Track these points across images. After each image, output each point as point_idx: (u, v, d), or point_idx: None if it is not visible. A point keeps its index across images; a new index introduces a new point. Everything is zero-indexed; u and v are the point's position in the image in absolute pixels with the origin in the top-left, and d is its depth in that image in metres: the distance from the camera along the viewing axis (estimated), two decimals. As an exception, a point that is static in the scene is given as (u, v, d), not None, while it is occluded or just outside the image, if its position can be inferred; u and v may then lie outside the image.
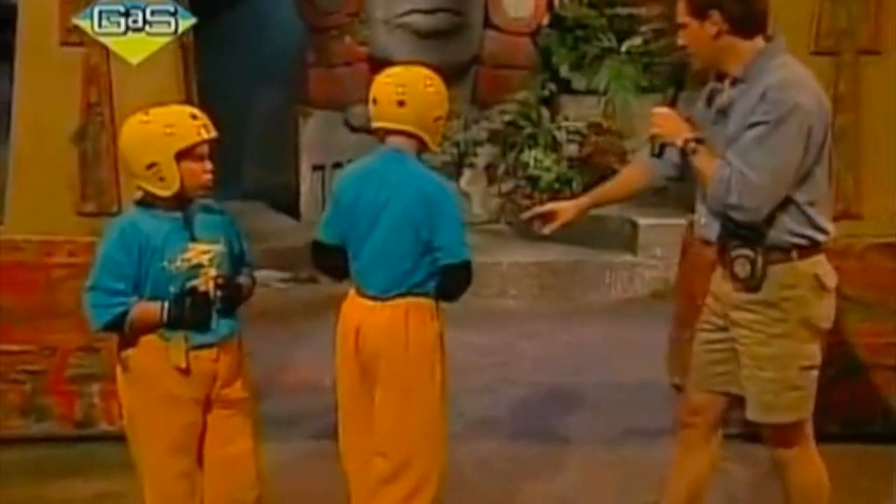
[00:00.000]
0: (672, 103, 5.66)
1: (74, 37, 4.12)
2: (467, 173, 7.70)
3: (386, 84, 3.05)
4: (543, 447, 4.23)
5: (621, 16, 7.85)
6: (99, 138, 4.20)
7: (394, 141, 3.06)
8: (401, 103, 3.00)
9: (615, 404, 4.71)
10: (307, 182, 7.59)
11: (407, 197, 3.00)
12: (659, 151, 3.05)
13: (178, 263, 2.81)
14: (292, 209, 7.62)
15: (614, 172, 3.27)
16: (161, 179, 2.79)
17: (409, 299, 3.02)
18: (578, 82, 7.81)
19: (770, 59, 2.89)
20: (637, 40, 7.78)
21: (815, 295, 2.92)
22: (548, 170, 7.55)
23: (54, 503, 3.75)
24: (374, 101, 3.06)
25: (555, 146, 7.62)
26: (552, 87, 7.82)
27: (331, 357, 3.16)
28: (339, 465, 3.19)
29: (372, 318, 3.04)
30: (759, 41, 2.91)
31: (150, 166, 2.78)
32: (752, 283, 2.90)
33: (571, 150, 7.64)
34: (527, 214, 3.28)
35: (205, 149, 2.83)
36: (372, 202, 3.03)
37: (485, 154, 7.72)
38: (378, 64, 7.51)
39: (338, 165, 7.55)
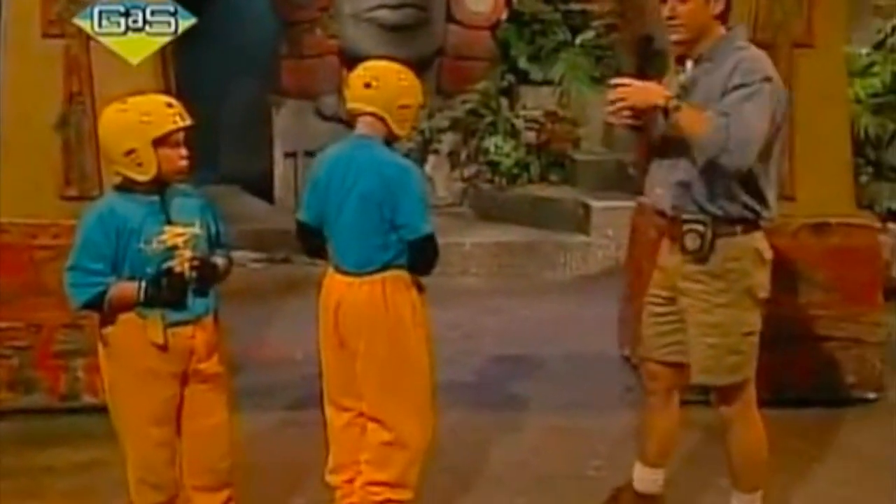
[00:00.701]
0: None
1: (56, 29, 4.08)
2: (431, 159, 7.69)
3: (359, 71, 3.10)
4: (504, 415, 4.27)
5: (575, 11, 7.90)
6: (81, 126, 4.16)
7: (363, 122, 3.08)
8: (367, 85, 3.04)
9: (570, 375, 4.75)
10: (280, 168, 7.56)
11: (370, 179, 3.02)
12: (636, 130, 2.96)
13: (154, 245, 2.79)
14: (266, 193, 7.58)
15: (569, 158, 3.31)
16: (139, 165, 2.77)
17: (385, 273, 3.05)
18: (535, 73, 7.84)
19: (735, 40, 2.97)
20: (590, 34, 7.83)
21: (756, 267, 2.98)
22: (507, 155, 7.56)
23: (42, 471, 3.72)
24: (347, 87, 3.11)
25: (514, 133, 7.64)
26: (511, 77, 7.83)
27: (302, 333, 3.17)
28: (310, 433, 3.20)
29: (350, 294, 3.07)
30: (723, 28, 2.99)
31: (129, 153, 2.76)
32: (700, 256, 2.94)
33: (529, 136, 7.65)
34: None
35: (180, 136, 2.81)
36: (340, 185, 3.06)
37: (448, 141, 7.71)
38: (347, 56, 7.53)
39: (309, 153, 7.52)
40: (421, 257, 3.06)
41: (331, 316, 3.12)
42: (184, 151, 2.82)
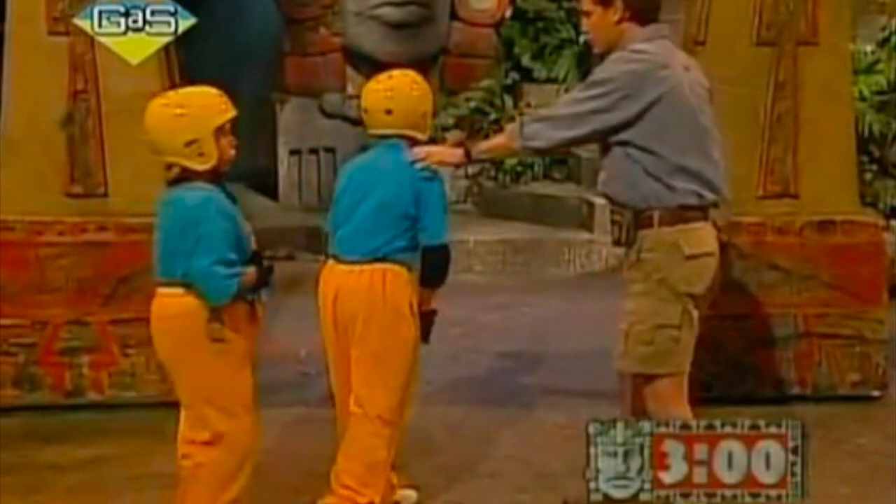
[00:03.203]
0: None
1: (61, 26, 4.09)
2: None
3: (375, 92, 3.16)
4: (507, 412, 4.26)
5: (579, 9, 7.87)
6: (86, 123, 4.16)
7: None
8: (388, 112, 3.11)
9: (573, 372, 4.74)
10: (284, 165, 7.56)
11: (396, 181, 3.09)
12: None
13: (248, 230, 2.87)
14: (271, 191, 7.59)
15: (572, 155, 3.37)
16: (200, 155, 2.80)
17: (386, 265, 3.09)
18: (539, 71, 7.82)
19: (627, 45, 2.99)
20: (594, 32, 7.80)
21: (673, 260, 2.96)
22: (512, 153, 7.55)
23: (46, 467, 3.73)
24: (365, 111, 3.16)
25: (518, 131, 7.63)
26: (515, 75, 7.82)
27: (306, 330, 3.18)
28: (312, 430, 3.21)
29: (350, 282, 3.11)
30: (648, 28, 3.01)
31: (190, 143, 2.79)
32: (622, 243, 3.00)
33: (533, 134, 7.64)
34: None
35: (229, 125, 2.86)
36: (361, 182, 3.14)
37: (452, 139, 7.71)
38: (351, 54, 7.53)
39: (313, 150, 7.53)
40: (433, 264, 3.11)
41: (329, 309, 3.15)
42: (233, 140, 2.88)
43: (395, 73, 3.22)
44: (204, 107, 2.82)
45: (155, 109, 2.86)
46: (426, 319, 3.20)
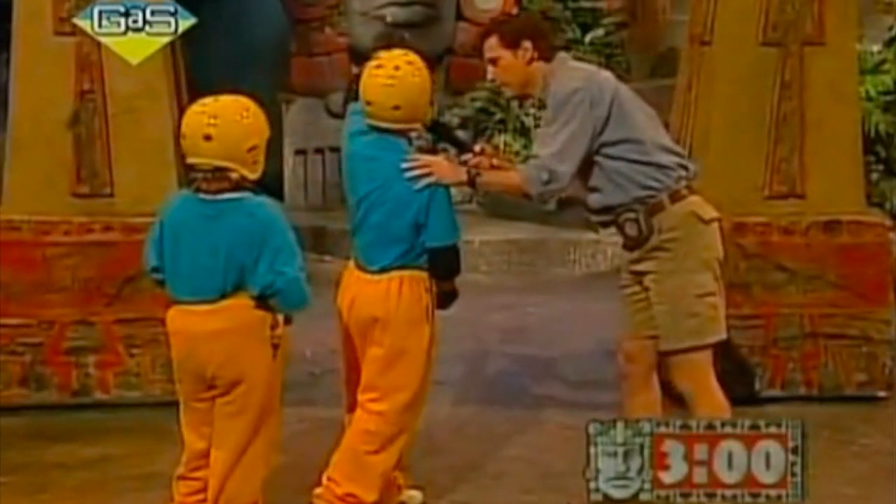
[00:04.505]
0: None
1: (67, 27, 4.09)
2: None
3: (383, 86, 3.08)
4: (512, 412, 4.26)
5: (584, 9, 7.89)
6: (92, 123, 4.17)
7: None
8: (396, 108, 3.06)
9: (578, 372, 4.74)
10: (290, 165, 7.57)
11: (406, 188, 3.07)
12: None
13: None
14: (277, 191, 7.58)
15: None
16: (255, 162, 2.76)
17: (404, 272, 3.09)
18: (545, 71, 7.82)
19: (549, 77, 3.10)
20: (599, 32, 7.81)
21: (695, 230, 3.08)
22: (517, 153, 7.54)
23: (52, 467, 3.74)
24: (368, 104, 3.10)
25: (523, 131, 7.62)
26: (520, 75, 7.82)
27: (311, 330, 3.18)
28: (314, 430, 3.21)
29: (367, 289, 3.11)
30: (557, 58, 3.14)
31: (252, 149, 2.74)
32: (641, 239, 3.08)
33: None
34: None
35: None
36: (371, 185, 3.12)
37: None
38: (357, 54, 7.52)
39: (319, 150, 7.53)
40: (442, 265, 3.11)
41: (345, 315, 3.16)
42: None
43: (398, 61, 3.12)
44: (260, 115, 2.78)
45: (228, 114, 2.73)
46: (444, 293, 3.17)
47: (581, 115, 3.03)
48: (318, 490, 3.18)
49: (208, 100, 2.80)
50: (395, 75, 3.06)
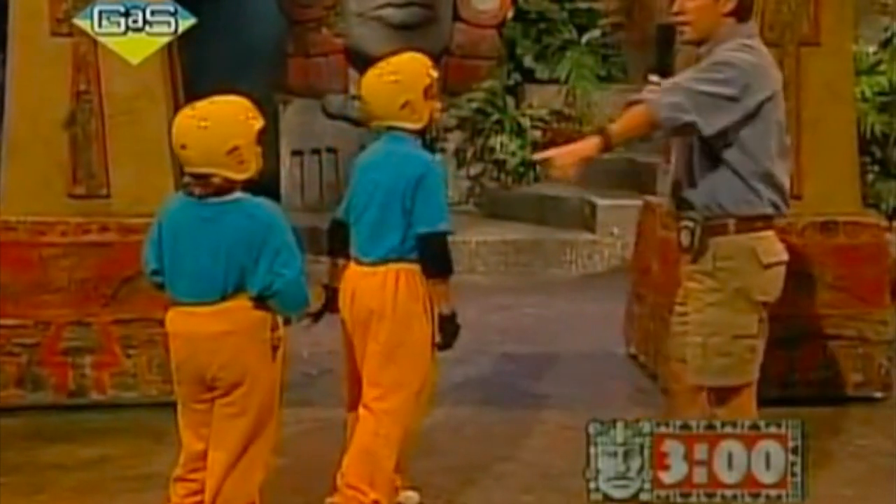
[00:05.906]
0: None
1: (64, 27, 4.09)
2: (437, 158, 7.70)
3: (378, 72, 3.13)
4: (510, 413, 4.26)
5: (581, 10, 7.90)
6: (88, 124, 4.16)
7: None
8: (404, 105, 3.08)
9: (576, 372, 4.75)
10: (287, 166, 7.57)
11: (396, 174, 3.08)
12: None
13: None
14: (273, 192, 7.58)
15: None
16: (240, 163, 2.68)
17: (401, 265, 3.09)
18: (541, 72, 7.83)
19: (736, 36, 2.90)
20: (596, 33, 7.83)
21: (752, 268, 2.89)
22: (513, 154, 7.56)
23: (49, 467, 3.73)
24: (367, 99, 3.13)
25: (520, 132, 7.63)
26: (517, 76, 7.83)
27: (308, 330, 3.17)
28: (314, 430, 3.20)
29: (364, 283, 3.11)
30: (746, 25, 2.95)
31: (232, 151, 2.67)
32: (692, 251, 2.91)
33: (535, 135, 7.65)
34: (539, 157, 3.18)
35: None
36: (370, 181, 3.13)
37: (454, 139, 7.71)
38: (353, 55, 7.52)
39: (315, 151, 7.53)
40: (429, 253, 3.08)
41: (346, 311, 3.16)
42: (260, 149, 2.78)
43: (404, 58, 3.16)
44: (249, 112, 2.73)
45: (230, 116, 2.70)
46: (443, 324, 3.13)
47: (730, 87, 2.79)
48: (336, 498, 3.14)
49: (186, 108, 2.78)
50: (399, 67, 3.14)
